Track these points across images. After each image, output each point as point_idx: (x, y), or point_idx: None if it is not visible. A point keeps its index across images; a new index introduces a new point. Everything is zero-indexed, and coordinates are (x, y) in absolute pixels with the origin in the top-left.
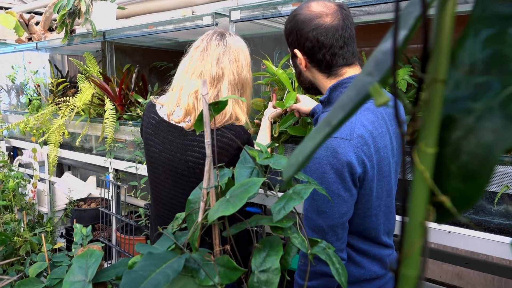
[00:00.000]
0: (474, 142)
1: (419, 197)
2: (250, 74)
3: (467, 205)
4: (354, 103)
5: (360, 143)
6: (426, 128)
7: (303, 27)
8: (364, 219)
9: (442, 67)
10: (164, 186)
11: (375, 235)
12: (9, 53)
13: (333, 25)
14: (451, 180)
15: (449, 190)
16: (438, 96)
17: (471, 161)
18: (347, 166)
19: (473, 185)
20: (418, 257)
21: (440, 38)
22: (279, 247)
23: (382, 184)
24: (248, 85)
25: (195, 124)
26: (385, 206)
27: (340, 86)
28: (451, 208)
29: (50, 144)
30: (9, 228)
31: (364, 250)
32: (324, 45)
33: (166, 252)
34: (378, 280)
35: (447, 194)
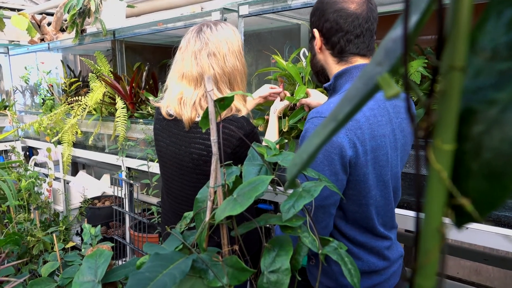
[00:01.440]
0: (498, 137)
1: (436, 199)
2: (240, 60)
3: (491, 208)
4: (362, 95)
5: (353, 126)
6: (443, 122)
7: (327, 8)
8: (360, 207)
9: (460, 53)
10: (173, 179)
11: (372, 226)
12: (23, 54)
13: (356, 12)
14: (472, 180)
15: (470, 192)
16: (456, 86)
17: (494, 158)
18: (338, 148)
19: (497, 185)
20: (435, 266)
21: (457, 19)
22: (289, 246)
23: (378, 173)
24: (238, 73)
25: (201, 122)
26: (381, 197)
27: (345, 74)
28: (473, 211)
29: (63, 144)
30: (22, 227)
31: (361, 242)
32: (341, 29)
33: (173, 252)
34: (378, 275)
35: (468, 195)
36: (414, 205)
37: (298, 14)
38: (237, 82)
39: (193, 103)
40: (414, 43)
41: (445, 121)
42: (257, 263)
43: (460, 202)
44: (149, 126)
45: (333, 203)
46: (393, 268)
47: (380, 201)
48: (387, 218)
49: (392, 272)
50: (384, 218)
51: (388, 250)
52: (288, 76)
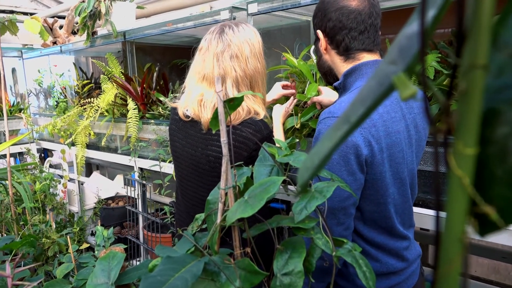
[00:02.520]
0: None
1: (457, 207)
2: (260, 62)
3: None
4: (376, 96)
5: (367, 125)
6: (464, 124)
7: (328, 7)
8: (379, 206)
9: (483, 50)
10: (188, 180)
11: (391, 225)
12: (36, 58)
13: (358, 9)
14: (497, 186)
15: (495, 199)
16: (478, 85)
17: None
18: (353, 148)
19: None
20: (457, 277)
21: (479, 12)
22: (302, 248)
23: (394, 171)
24: (259, 76)
25: (211, 122)
26: (399, 195)
27: (355, 72)
28: (498, 220)
29: (77, 145)
30: (38, 229)
31: (379, 243)
32: (344, 26)
33: (185, 255)
34: (397, 276)
35: (492, 203)
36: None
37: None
38: (258, 85)
39: (213, 105)
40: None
41: (466, 123)
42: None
43: (484, 210)
44: (160, 127)
45: (353, 204)
46: (411, 268)
47: (398, 199)
48: (406, 217)
49: (411, 272)
50: (403, 217)
51: (406, 250)
52: (299, 74)
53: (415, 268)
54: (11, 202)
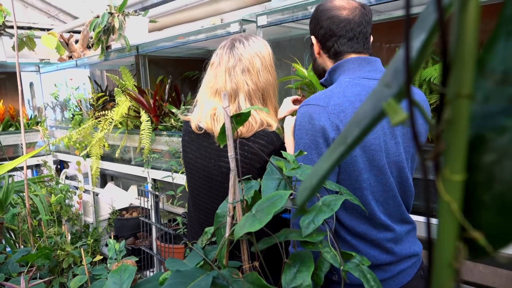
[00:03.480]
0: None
1: (447, 232)
2: (272, 74)
3: (506, 242)
4: (370, 119)
5: (336, 110)
6: (451, 151)
7: (321, 16)
8: (355, 191)
9: (467, 80)
10: (200, 191)
11: (371, 213)
12: (52, 72)
13: (348, 18)
14: (485, 212)
15: (483, 225)
16: (464, 114)
17: (507, 190)
18: (320, 131)
19: (510, 219)
20: None
21: (462, 43)
22: (310, 262)
23: (370, 157)
24: (270, 87)
25: (218, 137)
26: (377, 182)
27: (338, 68)
28: (486, 245)
29: (92, 157)
30: (53, 241)
31: (360, 233)
32: (334, 34)
33: (194, 269)
34: (381, 271)
35: (481, 229)
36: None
37: None
38: (270, 96)
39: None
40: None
41: (453, 150)
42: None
43: (472, 236)
44: (172, 138)
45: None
46: (401, 266)
47: (376, 187)
48: (391, 208)
49: (400, 269)
50: (386, 207)
51: (392, 243)
52: (308, 84)
53: (407, 267)
54: (28, 214)
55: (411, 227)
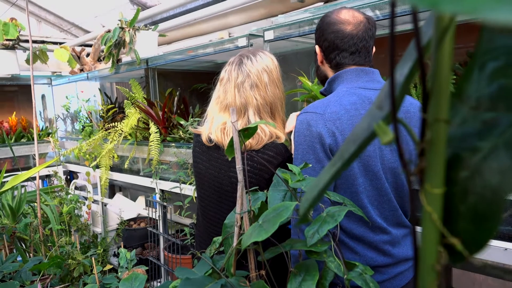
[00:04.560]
0: (480, 184)
1: (429, 239)
2: (279, 88)
3: (479, 248)
4: (364, 137)
5: (332, 118)
6: (431, 168)
7: (326, 28)
8: (351, 195)
9: (443, 107)
10: (210, 201)
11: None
12: (64, 84)
13: (351, 33)
14: (461, 221)
15: (460, 232)
16: (442, 136)
17: (478, 202)
18: (317, 137)
19: (482, 227)
20: None
21: (439, 77)
22: (315, 271)
23: (364, 163)
24: (278, 101)
25: (227, 150)
26: (372, 187)
27: (337, 78)
28: (463, 250)
29: (101, 168)
30: (64, 251)
31: (358, 235)
32: (337, 47)
33: (203, 277)
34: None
35: (458, 235)
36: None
37: None
38: (278, 110)
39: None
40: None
41: (433, 167)
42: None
43: (451, 242)
44: (181, 150)
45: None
46: (398, 268)
47: (371, 191)
48: (387, 212)
49: (397, 272)
50: (381, 210)
51: (389, 245)
52: (314, 97)
53: (404, 270)
54: (40, 224)
55: (408, 231)
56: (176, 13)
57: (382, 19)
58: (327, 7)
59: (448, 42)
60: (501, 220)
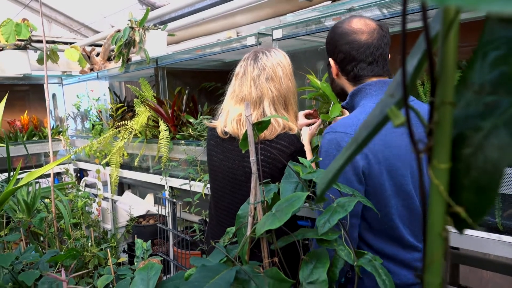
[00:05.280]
0: (482, 159)
1: (437, 208)
2: (292, 81)
3: (480, 216)
4: (376, 123)
5: None
6: (438, 146)
7: (339, 39)
8: (383, 217)
9: (449, 91)
10: (224, 192)
11: (399, 236)
12: (75, 84)
13: (367, 42)
14: (465, 193)
15: (464, 202)
16: (448, 117)
17: (480, 176)
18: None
19: (483, 198)
20: (440, 265)
21: (445, 65)
22: (325, 259)
23: (397, 183)
24: (291, 94)
25: (241, 143)
26: (403, 207)
27: (360, 92)
28: (467, 218)
29: (111, 165)
30: (79, 244)
31: (389, 254)
32: (354, 59)
33: (219, 264)
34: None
35: (462, 205)
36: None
37: None
38: (291, 102)
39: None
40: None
41: (440, 145)
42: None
43: (456, 211)
44: (190, 147)
45: (354, 214)
46: None
47: (403, 211)
48: (417, 229)
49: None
50: (412, 228)
51: (421, 262)
52: (322, 95)
53: None
54: (54, 218)
55: None
56: (185, 13)
57: (390, 17)
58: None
59: (454, 34)
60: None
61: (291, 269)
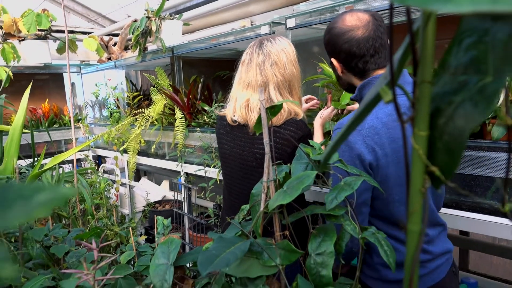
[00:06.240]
0: (452, 126)
1: (417, 169)
2: (296, 68)
3: (451, 173)
4: (371, 99)
5: (370, 133)
6: (419, 117)
7: (337, 40)
8: (388, 204)
9: (428, 72)
10: (236, 178)
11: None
12: (93, 73)
13: (364, 36)
14: (439, 154)
15: (438, 162)
16: (426, 93)
17: (450, 140)
18: (357, 154)
19: (453, 157)
20: (419, 216)
21: (425, 51)
22: (333, 233)
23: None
24: (295, 79)
25: (255, 126)
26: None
27: (368, 85)
28: (440, 175)
29: (129, 152)
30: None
31: (392, 235)
32: (356, 55)
33: (234, 237)
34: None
35: (437, 165)
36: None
37: None
38: (295, 87)
39: (258, 108)
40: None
41: (420, 116)
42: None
43: (432, 170)
44: (205, 134)
45: (363, 202)
46: (437, 262)
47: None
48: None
49: (436, 265)
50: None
51: (427, 244)
52: (334, 83)
53: (441, 263)
54: (77, 200)
55: (442, 228)
56: (199, 3)
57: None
58: None
59: (431, 25)
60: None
61: (301, 243)
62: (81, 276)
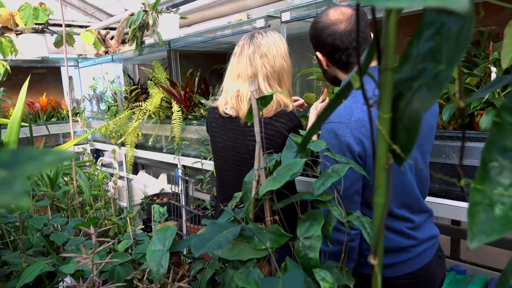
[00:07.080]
0: (410, 108)
1: (381, 148)
2: (286, 61)
3: (409, 150)
4: (343, 86)
5: (357, 126)
6: (383, 101)
7: (321, 34)
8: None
9: (390, 60)
10: (229, 170)
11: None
12: (90, 66)
13: (347, 30)
14: (399, 134)
15: (399, 141)
16: (389, 79)
17: (408, 121)
18: (346, 146)
19: (410, 136)
20: (384, 190)
21: (387, 41)
22: (320, 218)
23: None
24: (285, 72)
25: (246, 116)
26: (399, 184)
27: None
28: (400, 153)
29: (127, 145)
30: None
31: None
32: (339, 48)
33: (227, 222)
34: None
35: (398, 144)
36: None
37: None
38: (284, 80)
39: (248, 99)
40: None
41: (384, 100)
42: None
43: (394, 148)
44: (202, 127)
45: (355, 192)
46: (423, 247)
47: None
48: (411, 202)
49: (422, 250)
50: (407, 202)
51: (413, 230)
52: None
53: (427, 248)
54: (75, 192)
55: (428, 215)
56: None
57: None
58: None
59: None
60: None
61: (290, 228)
62: (80, 260)
